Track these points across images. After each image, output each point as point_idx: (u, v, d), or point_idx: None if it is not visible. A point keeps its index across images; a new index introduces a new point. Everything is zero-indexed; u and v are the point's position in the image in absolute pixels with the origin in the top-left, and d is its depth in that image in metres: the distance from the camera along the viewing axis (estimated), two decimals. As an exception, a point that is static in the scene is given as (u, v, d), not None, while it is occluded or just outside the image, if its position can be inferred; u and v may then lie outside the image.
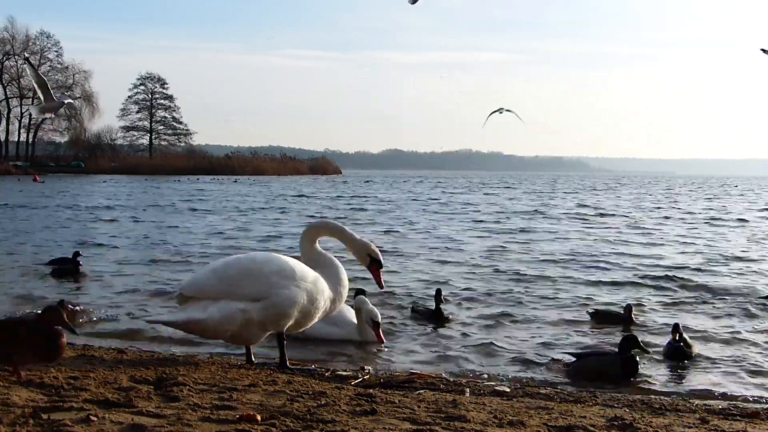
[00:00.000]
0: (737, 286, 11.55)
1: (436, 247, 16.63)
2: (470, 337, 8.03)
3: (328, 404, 4.44)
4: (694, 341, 7.43)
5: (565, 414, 4.63)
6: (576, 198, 46.29)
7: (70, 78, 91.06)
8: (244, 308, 5.70)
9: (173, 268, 12.94)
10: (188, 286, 5.99)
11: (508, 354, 7.32)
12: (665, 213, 31.14)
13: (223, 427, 3.87)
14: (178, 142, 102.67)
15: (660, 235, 20.60)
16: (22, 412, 3.91)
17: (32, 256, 14.13)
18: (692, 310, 9.69)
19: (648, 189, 68.95)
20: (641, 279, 12.16)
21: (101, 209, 28.90)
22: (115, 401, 4.28)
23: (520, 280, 11.90)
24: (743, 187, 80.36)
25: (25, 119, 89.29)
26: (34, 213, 26.30)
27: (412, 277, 12.05)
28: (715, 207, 36.94)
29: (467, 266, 13.55)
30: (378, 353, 7.25)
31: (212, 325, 5.70)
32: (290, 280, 5.79)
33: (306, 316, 5.93)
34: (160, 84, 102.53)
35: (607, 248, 16.83)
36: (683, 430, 4.39)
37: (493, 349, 7.51)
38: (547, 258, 14.77)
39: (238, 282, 5.75)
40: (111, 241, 17.07)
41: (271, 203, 35.13)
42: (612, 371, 6.37)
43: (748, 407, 5.59)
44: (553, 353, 7.31)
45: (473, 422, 4.22)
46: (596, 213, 30.43)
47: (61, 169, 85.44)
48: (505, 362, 7.04)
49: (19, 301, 9.51)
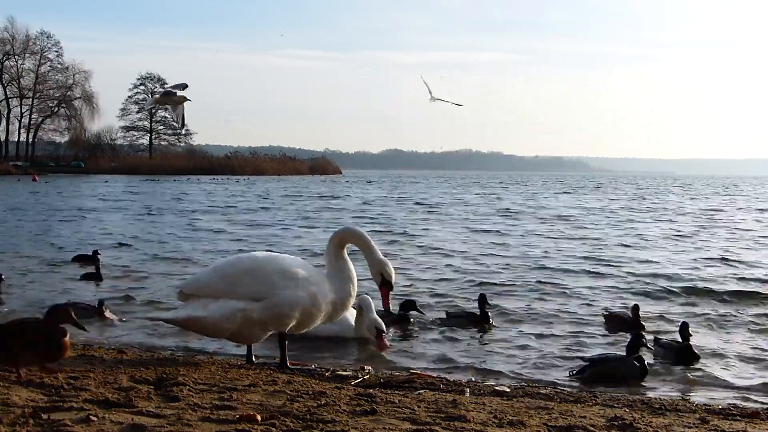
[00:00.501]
0: (735, 285, 11.56)
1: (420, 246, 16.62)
2: (470, 337, 8.03)
3: (328, 404, 4.44)
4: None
5: (565, 414, 4.63)
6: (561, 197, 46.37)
7: (70, 78, 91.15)
8: (244, 307, 5.70)
9: (176, 267, 12.96)
10: (189, 284, 6.00)
11: (509, 354, 7.32)
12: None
13: (223, 427, 3.87)
14: (178, 142, 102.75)
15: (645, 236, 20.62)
16: (22, 412, 3.91)
17: (54, 254, 14.34)
18: (691, 311, 9.69)
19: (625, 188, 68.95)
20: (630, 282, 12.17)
21: (106, 210, 28.92)
22: (115, 401, 4.28)
23: (521, 280, 11.91)
24: (739, 187, 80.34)
25: (25, 119, 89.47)
26: (44, 214, 26.31)
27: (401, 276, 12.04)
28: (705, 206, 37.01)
29: (461, 267, 13.55)
30: (378, 353, 7.24)
31: (212, 323, 5.71)
32: (292, 280, 5.76)
33: (308, 318, 5.90)
34: (160, 84, 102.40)
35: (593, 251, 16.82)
36: (683, 430, 4.39)
37: (493, 349, 7.52)
38: (529, 260, 14.78)
39: (239, 281, 5.75)
40: (116, 240, 17.10)
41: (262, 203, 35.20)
42: (633, 372, 6.37)
43: (748, 407, 5.58)
44: (554, 353, 7.32)
45: (473, 422, 4.22)
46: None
47: (61, 169, 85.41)
48: (505, 362, 7.03)
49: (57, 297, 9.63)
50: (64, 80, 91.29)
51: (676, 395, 6.04)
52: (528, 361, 7.06)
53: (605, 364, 6.43)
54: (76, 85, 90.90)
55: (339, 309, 6.05)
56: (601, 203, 39.56)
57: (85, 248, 14.57)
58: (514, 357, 7.20)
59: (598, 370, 6.37)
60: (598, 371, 6.37)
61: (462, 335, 8.06)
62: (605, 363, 6.44)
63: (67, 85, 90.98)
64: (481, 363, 6.96)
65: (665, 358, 7.07)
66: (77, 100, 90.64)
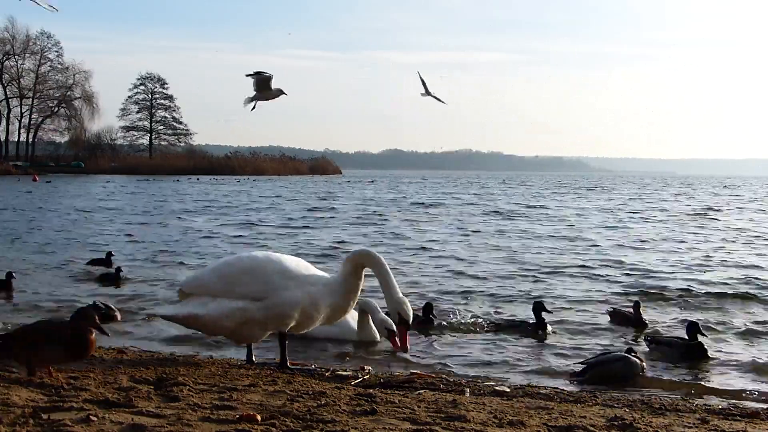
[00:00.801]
0: (733, 285, 11.55)
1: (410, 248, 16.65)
2: (470, 337, 8.03)
3: (328, 404, 4.44)
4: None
5: (565, 414, 4.63)
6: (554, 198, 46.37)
7: (70, 78, 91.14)
8: (243, 306, 5.72)
9: (176, 267, 12.97)
10: (189, 282, 6.01)
11: (508, 354, 7.32)
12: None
13: (223, 427, 3.87)
14: (178, 142, 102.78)
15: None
16: (22, 412, 3.91)
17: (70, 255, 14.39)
18: (691, 311, 9.68)
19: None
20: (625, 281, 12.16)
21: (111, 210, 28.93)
22: (115, 401, 4.28)
23: (519, 280, 11.90)
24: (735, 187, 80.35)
25: (25, 119, 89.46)
26: (52, 214, 26.31)
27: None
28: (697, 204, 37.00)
29: (457, 266, 13.55)
30: (378, 353, 7.24)
31: (211, 321, 5.74)
32: (292, 280, 5.77)
33: (308, 318, 5.89)
34: (160, 84, 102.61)
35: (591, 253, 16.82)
36: (683, 430, 4.39)
37: (493, 349, 7.51)
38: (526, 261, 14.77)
39: (238, 280, 5.77)
40: (121, 240, 17.11)
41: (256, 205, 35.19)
42: (630, 371, 6.40)
43: (748, 407, 5.58)
44: (554, 353, 7.32)
45: (473, 422, 4.22)
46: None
47: (61, 169, 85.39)
48: (505, 362, 7.03)
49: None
50: (64, 80, 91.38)
51: (676, 395, 6.03)
52: (529, 361, 7.06)
53: (605, 365, 6.43)
54: (76, 85, 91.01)
55: (338, 313, 6.02)
56: (592, 203, 39.57)
57: (87, 248, 14.58)
58: (515, 357, 7.19)
59: (597, 372, 6.37)
60: (597, 373, 6.36)
61: (461, 336, 8.06)
62: (605, 364, 6.44)
63: (67, 85, 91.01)
64: (481, 363, 6.97)
65: (671, 356, 7.07)
66: (77, 100, 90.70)
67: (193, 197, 39.69)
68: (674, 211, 32.98)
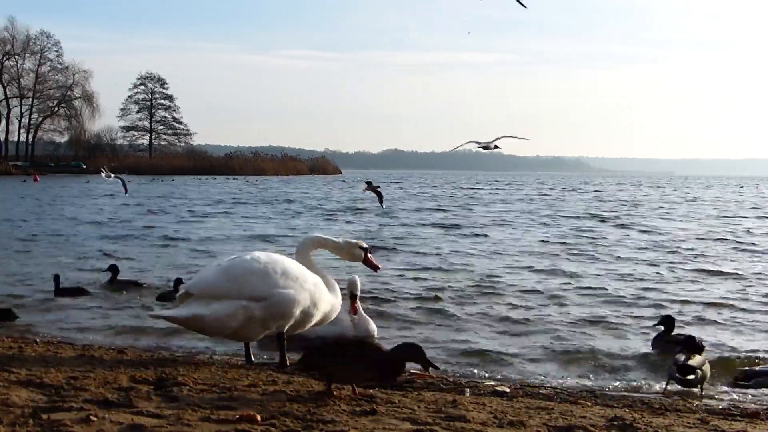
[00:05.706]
0: (731, 284, 11.56)
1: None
2: (470, 337, 8.03)
3: (328, 404, 4.45)
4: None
5: (565, 414, 4.63)
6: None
7: (70, 78, 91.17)
8: (246, 306, 5.79)
9: (176, 266, 12.97)
10: (194, 284, 6.02)
11: (508, 354, 7.32)
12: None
13: (223, 427, 3.87)
14: (178, 142, 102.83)
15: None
16: (22, 412, 3.91)
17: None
18: (688, 311, 9.68)
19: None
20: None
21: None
22: (115, 401, 4.28)
23: (518, 280, 11.91)
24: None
25: (25, 119, 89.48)
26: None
27: (396, 275, 12.05)
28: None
29: (456, 267, 13.56)
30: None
31: (215, 321, 5.77)
32: (294, 281, 5.91)
33: (306, 317, 6.03)
34: (160, 84, 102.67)
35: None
36: (683, 430, 4.38)
37: (493, 349, 7.51)
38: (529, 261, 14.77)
39: (242, 281, 5.83)
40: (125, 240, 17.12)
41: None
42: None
43: (748, 407, 5.58)
44: (554, 353, 7.32)
45: (473, 422, 4.22)
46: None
47: (61, 169, 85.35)
48: (505, 362, 7.04)
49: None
50: (64, 80, 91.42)
51: (676, 395, 6.03)
52: (529, 361, 7.07)
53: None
54: (76, 85, 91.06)
55: (334, 310, 6.26)
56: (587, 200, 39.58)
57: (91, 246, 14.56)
58: (515, 357, 7.20)
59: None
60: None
61: (461, 336, 8.06)
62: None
63: (67, 85, 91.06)
64: (481, 363, 6.97)
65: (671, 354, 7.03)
66: (77, 100, 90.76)
67: (192, 196, 39.69)
68: (679, 209, 33.00)
